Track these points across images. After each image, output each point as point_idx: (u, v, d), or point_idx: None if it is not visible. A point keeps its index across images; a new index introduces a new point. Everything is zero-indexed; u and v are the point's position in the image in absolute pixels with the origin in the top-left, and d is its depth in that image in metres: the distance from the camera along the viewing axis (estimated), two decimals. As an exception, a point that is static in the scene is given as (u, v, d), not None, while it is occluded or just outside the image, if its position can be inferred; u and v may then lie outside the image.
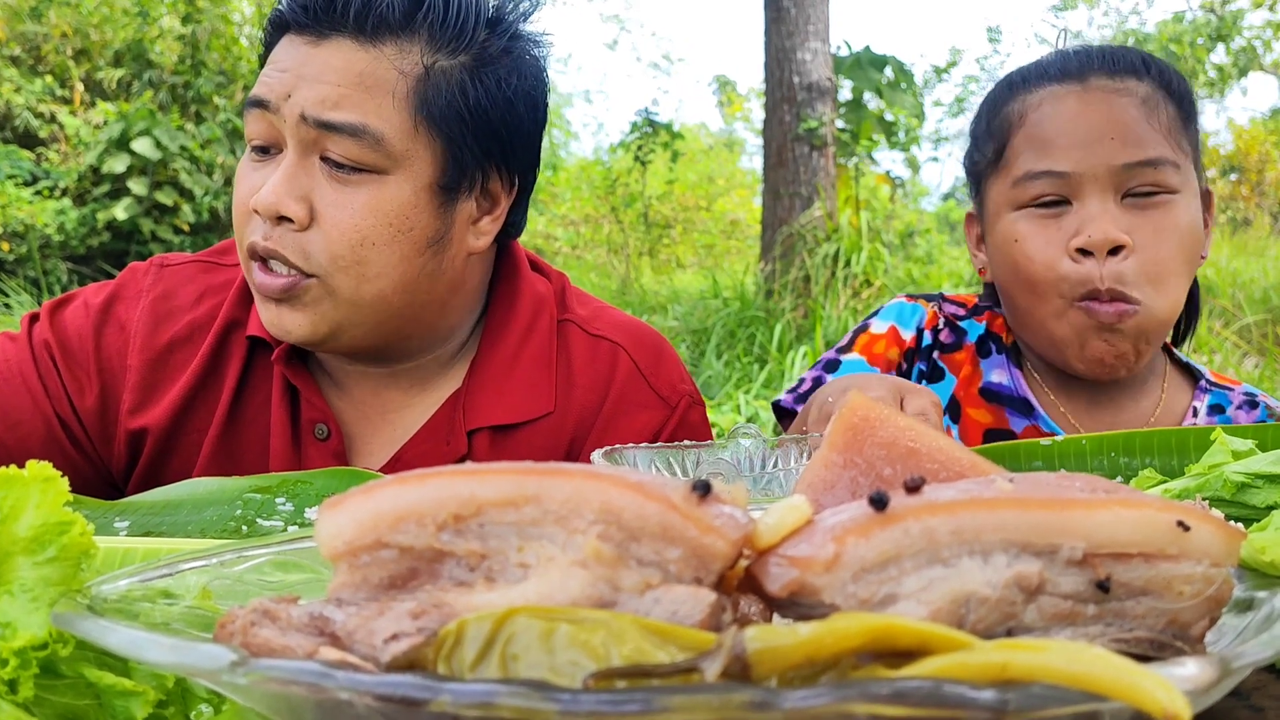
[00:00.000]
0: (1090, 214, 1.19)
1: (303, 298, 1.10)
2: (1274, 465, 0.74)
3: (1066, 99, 1.22)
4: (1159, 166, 1.18)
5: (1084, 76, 1.22)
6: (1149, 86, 1.22)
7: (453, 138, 1.12)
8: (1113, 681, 0.33)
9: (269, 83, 1.09)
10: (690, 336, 6.50)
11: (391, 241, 1.10)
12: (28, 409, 1.16)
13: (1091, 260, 1.19)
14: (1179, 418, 1.34)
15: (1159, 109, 1.21)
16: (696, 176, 12.80)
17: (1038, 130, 1.23)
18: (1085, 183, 1.19)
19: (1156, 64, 1.25)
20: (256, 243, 1.10)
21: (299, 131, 1.08)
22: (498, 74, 1.14)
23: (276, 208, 1.07)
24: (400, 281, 1.12)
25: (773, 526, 0.42)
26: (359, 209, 1.08)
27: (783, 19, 6.79)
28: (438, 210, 1.13)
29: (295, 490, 0.91)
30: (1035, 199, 1.23)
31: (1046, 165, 1.21)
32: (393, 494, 0.42)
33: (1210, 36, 12.73)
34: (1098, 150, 1.19)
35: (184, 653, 0.37)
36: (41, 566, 0.45)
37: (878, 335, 1.42)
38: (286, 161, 1.09)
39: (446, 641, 0.38)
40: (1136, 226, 1.19)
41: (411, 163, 1.10)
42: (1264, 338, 5.93)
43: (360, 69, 1.08)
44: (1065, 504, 0.42)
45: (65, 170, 8.92)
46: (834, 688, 0.33)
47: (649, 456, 0.90)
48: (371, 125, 1.07)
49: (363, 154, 1.08)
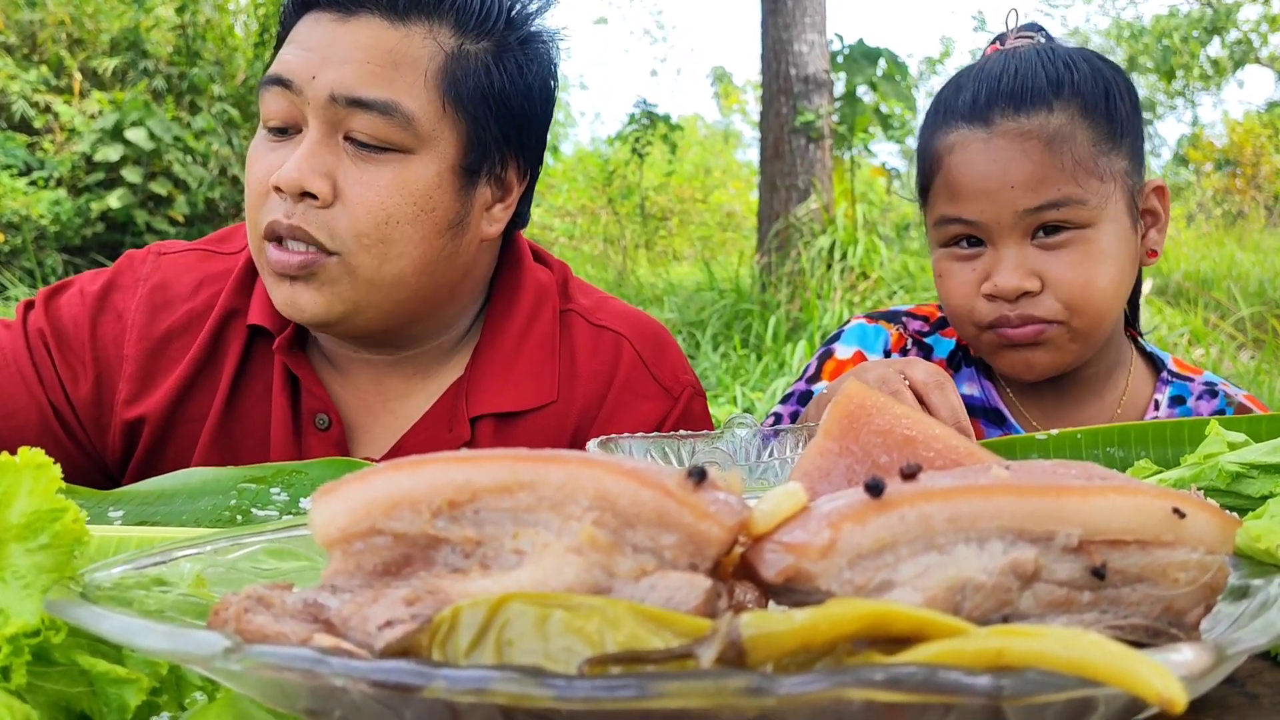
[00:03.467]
0: (1000, 260, 1.22)
1: (320, 275, 1.10)
2: (1269, 455, 0.74)
3: (971, 146, 1.24)
4: (1063, 206, 1.20)
5: (988, 119, 1.23)
6: (1059, 118, 1.21)
7: (477, 120, 1.13)
8: (1108, 667, 0.33)
9: (291, 61, 1.09)
10: (686, 328, 6.49)
11: (415, 221, 1.10)
12: (21, 397, 1.16)
13: (1002, 302, 1.23)
14: (1141, 411, 1.36)
15: (1068, 142, 1.21)
16: (693, 168, 12.79)
17: (950, 176, 1.25)
18: (993, 229, 1.22)
19: (1075, 77, 1.24)
20: (278, 221, 1.08)
21: (325, 111, 1.07)
22: (518, 62, 1.16)
23: (301, 183, 1.06)
24: (419, 262, 1.13)
25: (768, 513, 0.42)
26: (384, 187, 1.09)
27: (780, 11, 6.78)
28: (458, 193, 1.14)
29: (290, 479, 0.91)
30: (953, 239, 1.27)
31: (955, 212, 1.24)
32: (387, 481, 0.42)
33: (1205, 29, 12.73)
34: (999, 198, 1.21)
35: (178, 639, 0.37)
36: (34, 553, 0.45)
37: (844, 361, 1.43)
38: (309, 139, 1.08)
39: (441, 628, 0.37)
40: (1049, 265, 1.21)
41: (437, 143, 1.11)
42: (1259, 330, 5.94)
43: (390, 46, 1.08)
44: (1061, 491, 0.42)
45: (59, 159, 8.89)
46: (829, 674, 0.33)
47: (645, 446, 0.90)
48: (403, 103, 1.08)
49: (390, 132, 1.08)
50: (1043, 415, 1.36)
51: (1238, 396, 1.35)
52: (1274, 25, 12.61)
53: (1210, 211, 10.91)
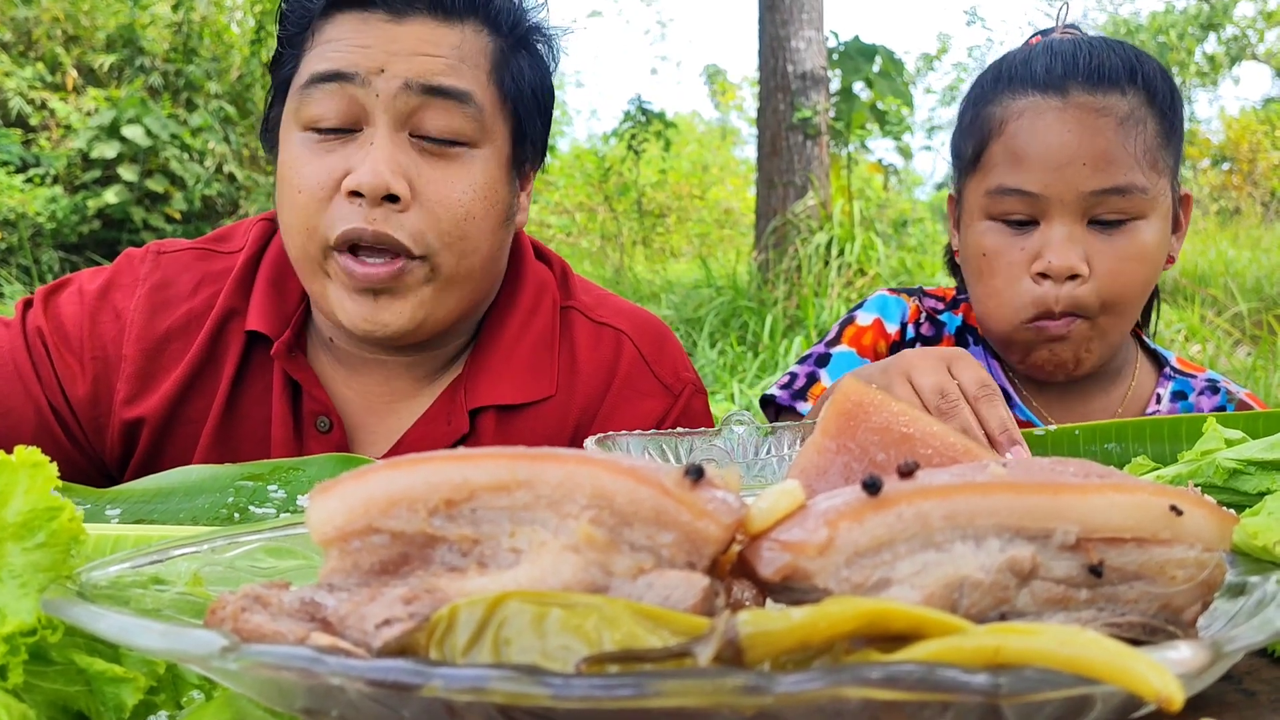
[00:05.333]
0: (1053, 238, 1.21)
1: (406, 282, 1.08)
2: (1266, 451, 0.74)
3: (1045, 114, 1.22)
4: (1127, 194, 1.20)
5: (1065, 89, 1.22)
6: (1132, 101, 1.21)
7: (520, 113, 1.16)
8: (1105, 665, 0.33)
9: (350, 57, 1.07)
10: (683, 325, 6.49)
11: (486, 215, 1.12)
12: (19, 396, 1.15)
13: (1049, 283, 1.22)
14: (1143, 405, 1.36)
15: (1139, 128, 1.21)
16: (690, 165, 12.78)
17: (1014, 143, 1.23)
18: (1053, 205, 1.21)
19: (1144, 69, 1.24)
20: (360, 228, 1.05)
21: (396, 104, 1.06)
22: (538, 57, 1.20)
23: (386, 185, 1.04)
24: (488, 256, 1.15)
25: (766, 511, 0.42)
26: (459, 183, 1.10)
27: (777, 7, 6.77)
28: (510, 184, 1.17)
29: (287, 477, 0.91)
30: (1005, 214, 1.25)
31: (1018, 183, 1.22)
32: (384, 479, 0.42)
33: (1201, 26, 12.73)
34: (1068, 174, 1.20)
35: (175, 638, 0.37)
36: (30, 552, 0.45)
37: (864, 327, 1.44)
38: (381, 138, 1.06)
39: (438, 627, 0.37)
40: (1098, 252, 1.21)
41: (495, 137, 1.13)
42: (1256, 326, 5.94)
43: (454, 42, 1.10)
44: (1058, 488, 0.42)
45: (56, 155, 8.87)
46: (827, 672, 0.32)
47: (643, 443, 0.90)
48: (476, 94, 1.10)
49: (463, 125, 1.09)
50: (1046, 404, 1.36)
51: (1239, 394, 1.36)
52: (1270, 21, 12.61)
53: (1206, 208, 10.90)
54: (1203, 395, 1.36)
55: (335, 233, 1.06)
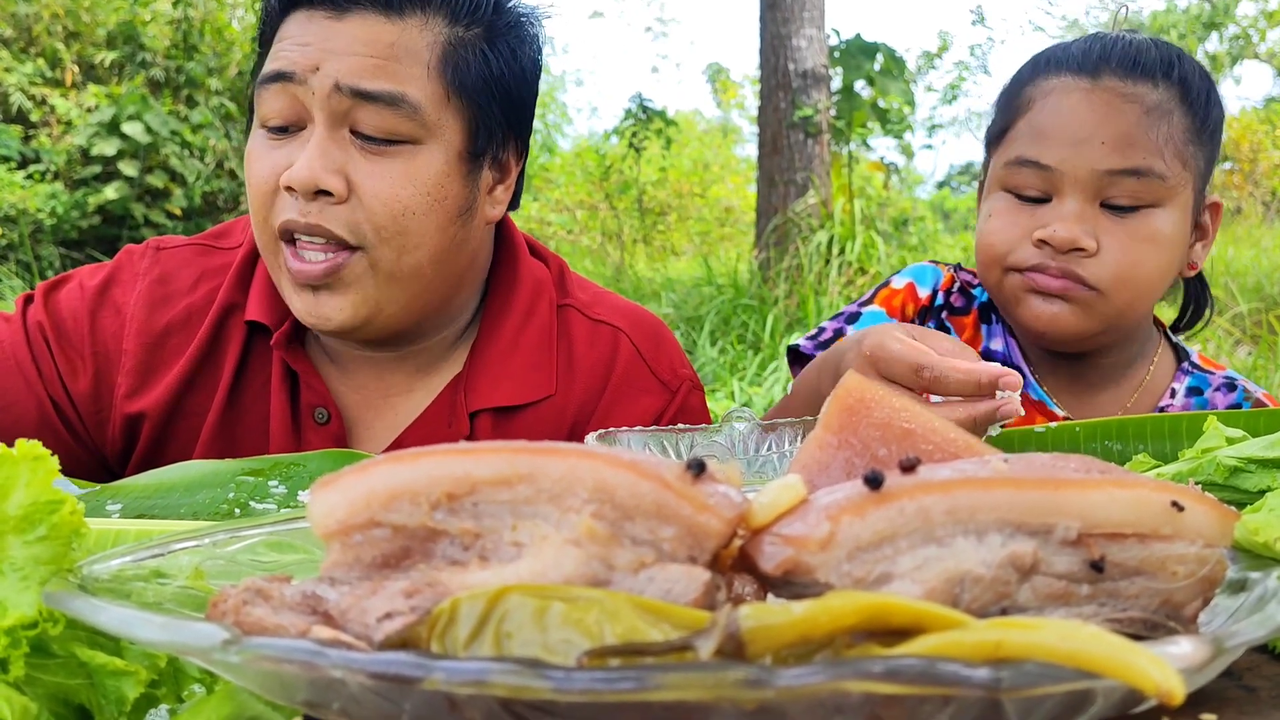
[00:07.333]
0: (1063, 212, 1.21)
1: (344, 277, 1.09)
2: (1267, 449, 0.74)
3: (1072, 94, 1.23)
4: (1142, 177, 1.19)
5: (1097, 72, 1.23)
6: (1163, 94, 1.21)
7: (480, 105, 1.14)
8: (1106, 659, 0.33)
9: (291, 56, 1.08)
10: (684, 324, 6.49)
11: (429, 211, 1.11)
12: (20, 391, 1.16)
13: (1049, 250, 1.21)
14: (1157, 398, 1.36)
15: (1166, 119, 1.20)
16: (691, 163, 12.77)
17: (1038, 118, 1.24)
18: (1066, 182, 1.21)
19: (1182, 66, 1.24)
20: (293, 220, 1.08)
21: (330, 103, 1.07)
22: (510, 45, 1.17)
23: (315, 182, 1.06)
24: (435, 252, 1.13)
25: (767, 505, 0.42)
26: (396, 179, 1.09)
27: (778, 5, 6.77)
28: (466, 179, 1.15)
29: (288, 473, 0.91)
30: (1020, 188, 1.25)
31: (1035, 154, 1.22)
32: (386, 472, 0.42)
33: (1203, 25, 12.72)
34: (1085, 150, 1.20)
35: (176, 631, 0.37)
36: (31, 545, 0.45)
37: (897, 290, 1.45)
38: (317, 135, 1.08)
39: (440, 620, 0.37)
40: (1108, 231, 1.20)
41: (443, 131, 1.11)
42: (1257, 325, 5.94)
43: (390, 40, 1.08)
44: (1060, 484, 0.42)
45: (56, 151, 8.87)
46: (828, 666, 0.32)
47: (643, 440, 0.90)
48: (409, 94, 1.08)
49: (398, 124, 1.08)
50: (1056, 387, 1.36)
51: (1257, 393, 1.36)
52: (1272, 21, 12.60)
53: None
54: (1219, 392, 1.36)
55: (276, 225, 1.09)
